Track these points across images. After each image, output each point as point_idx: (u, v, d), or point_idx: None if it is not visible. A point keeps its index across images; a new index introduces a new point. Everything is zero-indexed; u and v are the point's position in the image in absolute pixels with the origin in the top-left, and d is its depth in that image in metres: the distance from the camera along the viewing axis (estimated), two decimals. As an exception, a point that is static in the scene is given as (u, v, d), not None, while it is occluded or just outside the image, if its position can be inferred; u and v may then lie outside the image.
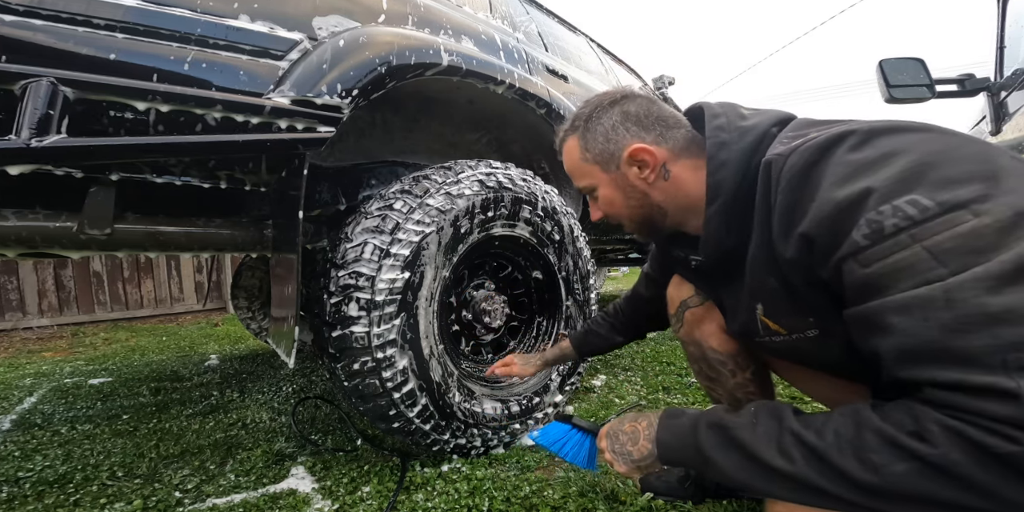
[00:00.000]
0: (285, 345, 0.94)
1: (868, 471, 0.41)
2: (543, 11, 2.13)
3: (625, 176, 0.66)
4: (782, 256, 0.51)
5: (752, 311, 0.62)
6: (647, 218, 0.69)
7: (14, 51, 0.67)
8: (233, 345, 2.94)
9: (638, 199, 0.67)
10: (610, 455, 0.65)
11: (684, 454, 0.56)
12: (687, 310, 0.85)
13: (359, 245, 1.01)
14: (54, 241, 0.81)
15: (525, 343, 1.45)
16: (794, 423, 0.47)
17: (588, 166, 0.69)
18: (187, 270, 4.51)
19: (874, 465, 0.41)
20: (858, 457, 0.41)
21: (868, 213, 0.43)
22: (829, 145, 0.48)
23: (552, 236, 1.36)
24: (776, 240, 0.52)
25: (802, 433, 0.45)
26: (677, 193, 0.66)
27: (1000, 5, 1.72)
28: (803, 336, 0.59)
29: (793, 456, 0.45)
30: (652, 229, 0.71)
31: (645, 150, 0.64)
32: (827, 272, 0.47)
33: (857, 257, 0.43)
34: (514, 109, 1.45)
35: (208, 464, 1.20)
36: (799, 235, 0.48)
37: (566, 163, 0.73)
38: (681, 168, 0.65)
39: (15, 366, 2.62)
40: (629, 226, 0.73)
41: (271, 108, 0.84)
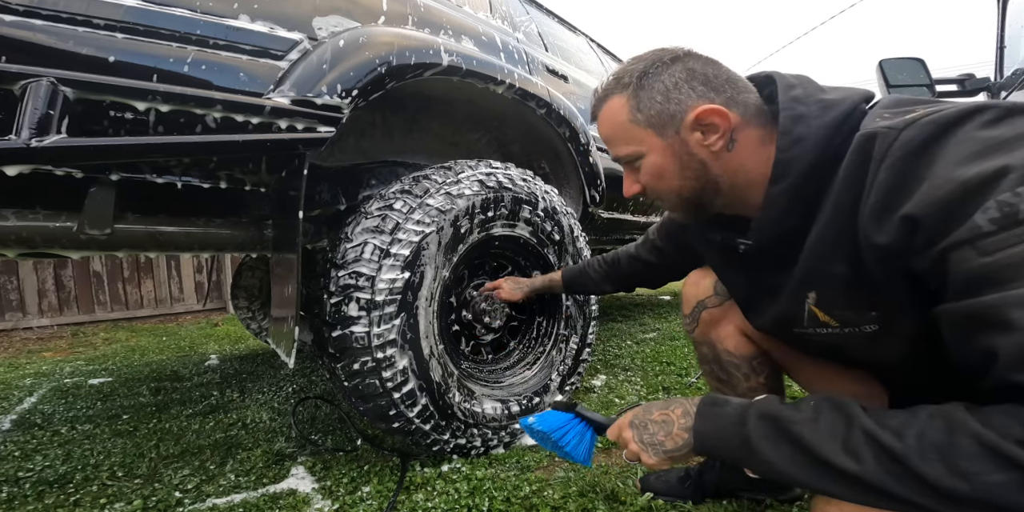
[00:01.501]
0: (285, 345, 0.94)
1: (957, 478, 0.37)
2: (543, 11, 2.13)
3: (685, 142, 0.57)
4: (868, 241, 0.46)
5: (801, 300, 0.58)
6: (698, 194, 0.61)
7: (14, 51, 0.67)
8: (233, 345, 2.94)
9: (695, 170, 0.59)
10: (637, 446, 0.59)
11: (726, 445, 0.51)
12: (704, 310, 0.83)
13: (359, 245, 1.01)
14: (54, 241, 0.81)
15: (525, 343, 1.45)
16: (866, 421, 0.43)
17: (637, 129, 0.59)
18: (187, 270, 4.51)
19: (965, 472, 0.37)
20: (946, 463, 0.38)
21: (1001, 194, 0.38)
22: (958, 120, 0.43)
23: (552, 236, 1.36)
24: (863, 223, 0.47)
25: (876, 432, 0.41)
26: (738, 168, 0.58)
27: (1000, 5, 1.72)
28: (857, 331, 0.55)
29: (862, 456, 0.41)
30: (699, 208, 0.63)
31: (717, 112, 0.55)
32: (925, 261, 0.42)
33: (977, 244, 0.38)
34: (514, 109, 1.45)
35: (208, 464, 1.20)
36: (902, 217, 0.43)
37: (605, 126, 0.63)
38: (747, 139, 0.57)
39: (15, 366, 2.62)
40: (673, 203, 0.64)
41: (271, 108, 0.84)
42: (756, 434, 0.48)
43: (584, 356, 1.46)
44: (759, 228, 0.59)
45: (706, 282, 0.84)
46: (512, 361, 1.41)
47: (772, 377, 0.81)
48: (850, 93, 0.54)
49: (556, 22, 2.22)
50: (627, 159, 0.63)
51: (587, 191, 1.73)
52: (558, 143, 1.60)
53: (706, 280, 0.85)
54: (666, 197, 0.63)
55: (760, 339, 0.80)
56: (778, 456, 0.46)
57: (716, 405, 0.55)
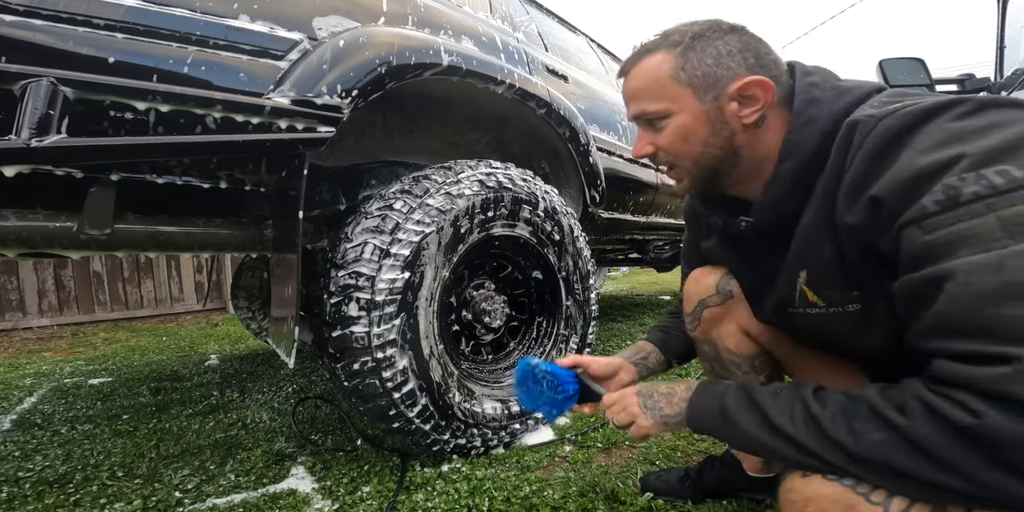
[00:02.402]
0: (285, 345, 0.94)
1: (850, 436, 0.45)
2: (543, 11, 2.13)
3: (721, 109, 0.58)
4: (843, 222, 0.50)
5: (794, 280, 0.60)
6: (716, 164, 0.62)
7: (14, 51, 0.67)
8: (233, 345, 2.94)
9: (722, 139, 0.59)
10: (639, 408, 0.66)
11: (710, 416, 0.59)
12: (705, 309, 0.83)
13: (359, 245, 1.01)
14: (54, 241, 0.81)
15: (525, 343, 1.45)
16: (808, 394, 0.51)
17: (677, 87, 0.59)
18: (187, 270, 4.51)
19: (855, 431, 0.44)
20: (847, 424, 0.45)
21: (948, 179, 0.41)
22: (934, 111, 0.46)
23: (552, 236, 1.36)
24: (840, 205, 0.50)
25: (809, 403, 0.49)
26: (759, 145, 0.60)
27: (1000, 5, 1.73)
28: (841, 310, 0.57)
29: (796, 420, 0.49)
30: (709, 179, 0.64)
31: (763, 85, 0.56)
32: (887, 240, 0.46)
33: (922, 223, 0.42)
34: (514, 109, 1.45)
35: (208, 464, 1.20)
36: (868, 199, 0.46)
37: (638, 80, 0.62)
38: (775, 119, 0.59)
39: (15, 366, 2.62)
40: (687, 169, 0.64)
41: (271, 108, 0.84)
42: (732, 404, 0.56)
43: (584, 356, 1.46)
44: (761, 206, 0.61)
45: (708, 280, 0.84)
46: (512, 361, 1.41)
47: (773, 377, 0.82)
48: (863, 84, 0.56)
49: (556, 22, 2.22)
50: (652, 116, 0.61)
51: (587, 191, 1.73)
52: (558, 143, 1.60)
53: (708, 278, 0.84)
54: (681, 162, 0.63)
55: (761, 338, 0.80)
56: (745, 422, 0.54)
57: (708, 385, 0.63)
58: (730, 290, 0.81)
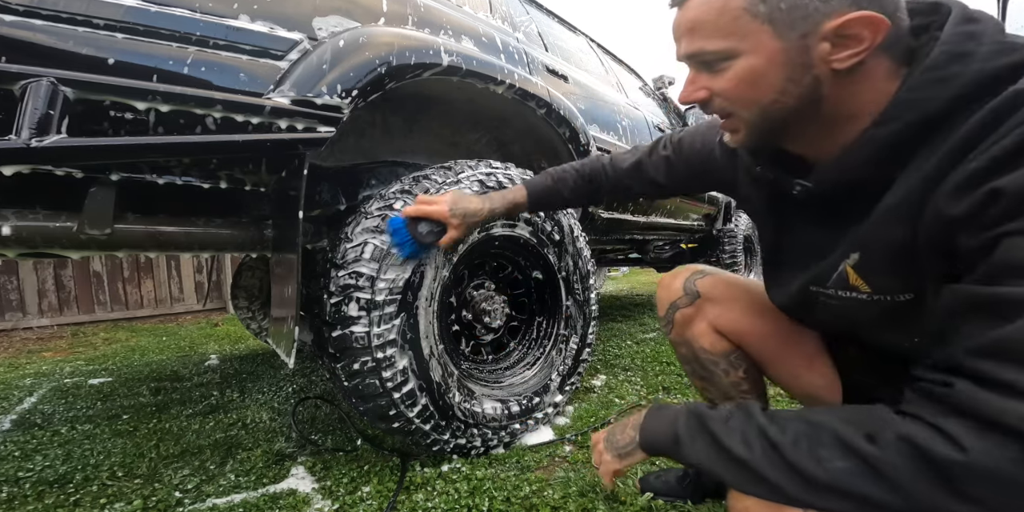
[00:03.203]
0: (285, 345, 0.94)
1: (813, 462, 0.43)
2: (543, 11, 2.13)
3: (807, 50, 0.47)
4: (942, 212, 0.43)
5: (841, 258, 0.54)
6: (789, 116, 0.51)
7: (14, 51, 0.67)
8: (233, 345, 2.94)
9: (802, 88, 0.49)
10: (603, 445, 0.68)
11: (662, 441, 0.59)
12: (677, 311, 0.84)
13: (359, 245, 1.01)
14: (54, 241, 0.81)
15: (525, 343, 1.45)
16: (761, 418, 0.50)
17: (751, 22, 0.47)
18: (187, 270, 4.51)
19: (819, 458, 0.43)
20: (809, 451, 0.44)
21: None
22: None
23: (552, 236, 1.36)
24: (946, 192, 0.42)
25: (767, 427, 0.48)
26: (850, 97, 0.49)
27: (1000, 5, 1.73)
28: (885, 299, 0.53)
29: (753, 446, 0.48)
30: (774, 134, 0.54)
31: (875, 22, 0.44)
32: (976, 239, 0.40)
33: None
34: (514, 109, 1.45)
35: (208, 464, 1.20)
36: (989, 190, 0.39)
37: (698, 10, 0.50)
38: (877, 67, 0.48)
39: (15, 366, 2.62)
40: (751, 121, 0.53)
41: (271, 108, 0.84)
42: (683, 430, 0.56)
43: (584, 356, 1.46)
44: (827, 170, 0.52)
45: (676, 284, 0.85)
46: (512, 361, 1.41)
47: (751, 371, 0.82)
48: None
49: (556, 22, 2.22)
50: (712, 56, 0.51)
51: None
52: (558, 143, 1.60)
53: (676, 282, 0.85)
54: (743, 111, 0.53)
55: (733, 335, 0.81)
56: (696, 447, 0.53)
57: (660, 409, 0.62)
58: (696, 290, 0.82)
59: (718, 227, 3.32)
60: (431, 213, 0.94)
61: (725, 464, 0.50)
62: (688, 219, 2.82)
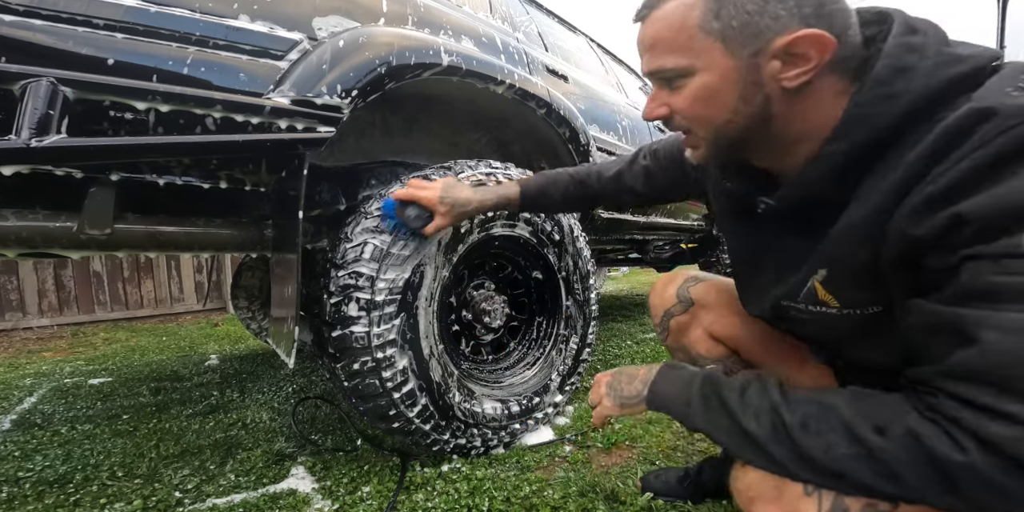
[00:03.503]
0: (285, 345, 0.94)
1: (818, 446, 0.45)
2: (543, 11, 2.13)
3: (757, 69, 0.47)
4: (903, 232, 0.43)
5: (809, 275, 0.54)
6: (741, 134, 0.51)
7: (14, 51, 0.67)
8: (233, 345, 2.94)
9: (755, 106, 0.49)
10: (605, 388, 0.68)
11: (672, 401, 0.59)
12: (671, 319, 0.85)
13: (359, 245, 1.01)
14: (54, 241, 0.81)
15: (525, 343, 1.45)
16: (776, 395, 0.51)
17: (704, 39, 0.48)
18: (187, 270, 4.51)
19: (826, 442, 0.45)
20: (816, 434, 0.46)
21: None
22: None
23: (552, 236, 1.36)
24: (906, 212, 0.42)
25: (779, 406, 0.49)
26: (801, 115, 0.49)
27: (1000, 5, 1.73)
28: (855, 313, 0.53)
29: (763, 422, 0.49)
30: (731, 151, 0.55)
31: (821, 41, 0.45)
32: (941, 262, 0.41)
33: (1002, 262, 0.37)
34: (514, 109, 1.45)
35: (208, 464, 1.20)
36: (953, 215, 0.39)
37: (656, 27, 0.50)
38: (826, 85, 0.48)
39: (15, 366, 2.62)
40: (705, 138, 0.54)
41: (271, 108, 0.84)
42: (696, 395, 0.56)
43: (584, 356, 1.46)
44: (790, 189, 0.53)
45: (669, 291, 0.86)
46: (512, 361, 1.41)
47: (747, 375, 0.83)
48: (979, 51, 0.44)
49: (556, 22, 2.22)
50: (670, 73, 0.51)
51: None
52: (558, 143, 1.59)
53: (669, 289, 0.86)
54: (700, 129, 0.53)
55: (729, 341, 0.81)
56: (707, 415, 0.55)
57: (674, 369, 0.64)
58: (690, 297, 0.83)
59: (718, 227, 3.32)
60: (421, 198, 0.92)
61: (733, 435, 0.52)
62: (688, 219, 2.82)
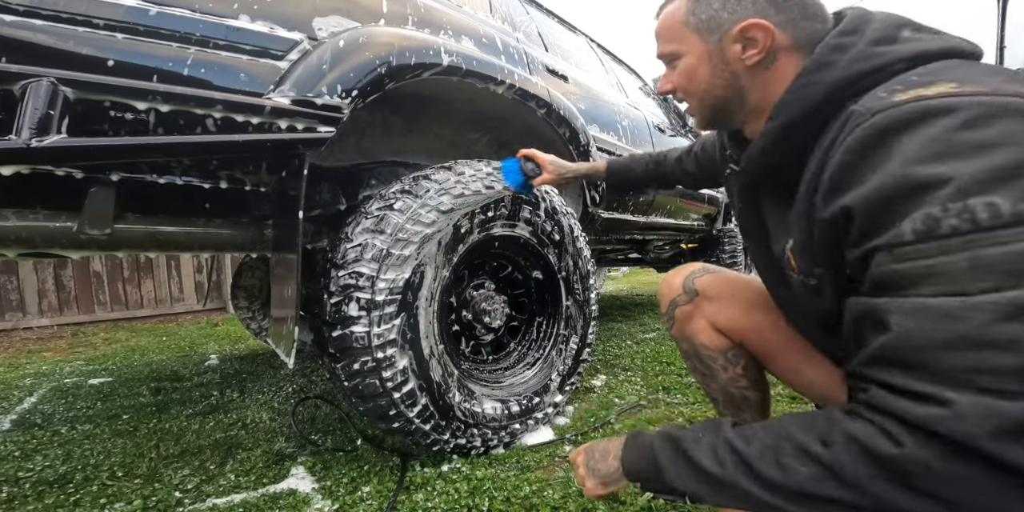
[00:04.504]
0: (285, 345, 0.94)
1: (777, 470, 0.45)
2: (543, 11, 2.13)
3: (723, 52, 0.60)
4: (818, 214, 0.49)
5: (783, 244, 0.61)
6: (722, 104, 0.64)
7: (14, 51, 0.67)
8: (233, 345, 2.94)
9: (724, 80, 0.61)
10: (583, 469, 0.68)
11: (644, 468, 0.59)
12: (676, 308, 0.86)
13: (359, 245, 1.01)
14: (54, 241, 0.81)
15: (525, 343, 1.45)
16: (729, 433, 0.51)
17: (685, 31, 0.62)
18: (187, 270, 4.51)
19: (783, 466, 0.45)
20: (774, 460, 0.46)
21: (932, 206, 0.38)
22: (935, 112, 0.41)
23: (552, 236, 1.36)
24: (820, 195, 0.48)
25: (733, 441, 0.50)
26: (765, 86, 0.60)
27: (1000, 5, 1.73)
28: (804, 281, 0.58)
29: (724, 461, 0.49)
30: (721, 118, 0.67)
31: (762, 27, 0.56)
32: (853, 253, 0.45)
33: (894, 251, 0.40)
34: (514, 109, 1.45)
35: (208, 464, 1.20)
36: (841, 207, 0.44)
37: (659, 24, 0.66)
38: (787, 63, 0.58)
39: (15, 366, 2.62)
40: (698, 108, 0.67)
41: (271, 108, 0.84)
42: (662, 457, 0.56)
43: (584, 356, 1.46)
44: (748, 156, 0.63)
45: (676, 281, 0.87)
46: (512, 361, 1.41)
47: (749, 367, 0.83)
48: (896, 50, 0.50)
49: (556, 22, 2.22)
50: (666, 57, 0.66)
51: (587, 191, 1.73)
52: (558, 143, 1.60)
53: (676, 279, 0.88)
54: (690, 99, 0.67)
55: (731, 333, 0.82)
56: (676, 471, 0.54)
57: (636, 438, 0.63)
58: (694, 288, 0.84)
59: (718, 227, 3.32)
60: (536, 156, 1.14)
61: (703, 484, 0.51)
62: (688, 219, 2.82)
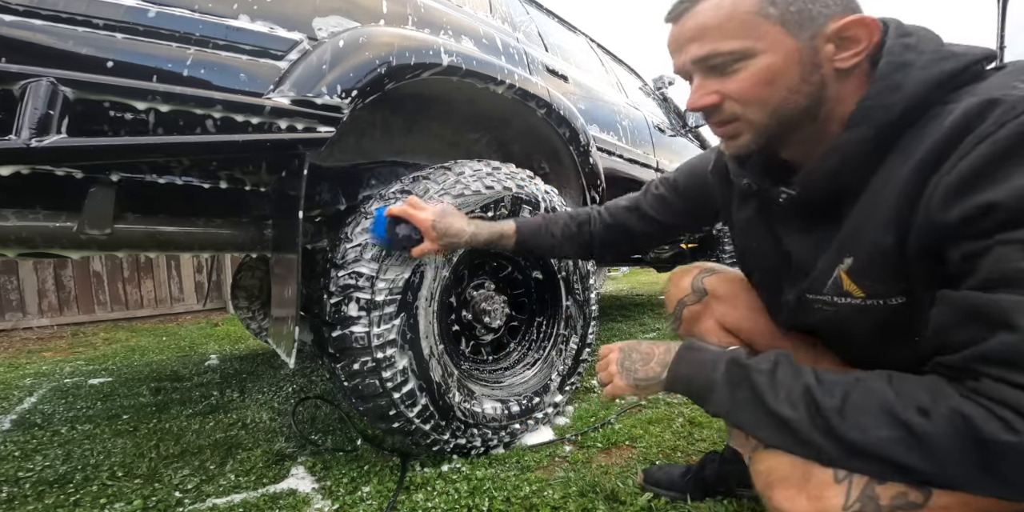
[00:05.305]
0: (285, 345, 0.94)
1: (856, 430, 0.44)
2: (543, 11, 2.13)
3: (816, 51, 0.50)
4: (929, 215, 0.45)
5: (833, 265, 0.55)
6: (798, 118, 0.53)
7: (14, 51, 0.67)
8: (233, 345, 2.94)
9: (813, 86, 0.51)
10: (616, 367, 0.65)
11: (692, 383, 0.57)
12: (684, 308, 0.86)
13: (359, 245, 1.01)
14: (54, 241, 0.81)
15: (525, 343, 1.45)
16: (810, 378, 0.49)
17: (763, 23, 0.50)
18: (187, 270, 4.51)
19: (863, 426, 0.44)
20: (854, 417, 0.45)
21: None
22: None
23: (552, 236, 1.35)
24: (936, 197, 0.44)
25: (814, 388, 0.48)
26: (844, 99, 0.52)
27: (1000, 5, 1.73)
28: (879, 303, 0.53)
29: (797, 406, 0.48)
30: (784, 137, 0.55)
31: (866, 25, 0.49)
32: (967, 248, 0.42)
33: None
34: (514, 109, 1.45)
35: (208, 464, 1.20)
36: (984, 203, 0.40)
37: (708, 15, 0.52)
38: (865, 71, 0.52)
39: (15, 366, 2.62)
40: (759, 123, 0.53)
41: (271, 108, 0.84)
42: (721, 378, 0.54)
43: (584, 356, 1.46)
44: (810, 175, 0.54)
45: (685, 282, 0.87)
46: (512, 361, 1.41)
47: None
48: (972, 49, 0.49)
49: (556, 22, 2.22)
50: (726, 57, 0.52)
51: (587, 191, 1.73)
52: (558, 143, 1.59)
53: (685, 280, 0.87)
54: (753, 113, 0.53)
55: (740, 333, 0.82)
56: (734, 400, 0.53)
57: (694, 350, 0.60)
58: (703, 288, 0.84)
59: (718, 227, 3.32)
60: (414, 218, 0.92)
61: (763, 419, 0.50)
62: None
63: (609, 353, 0.68)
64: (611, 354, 0.68)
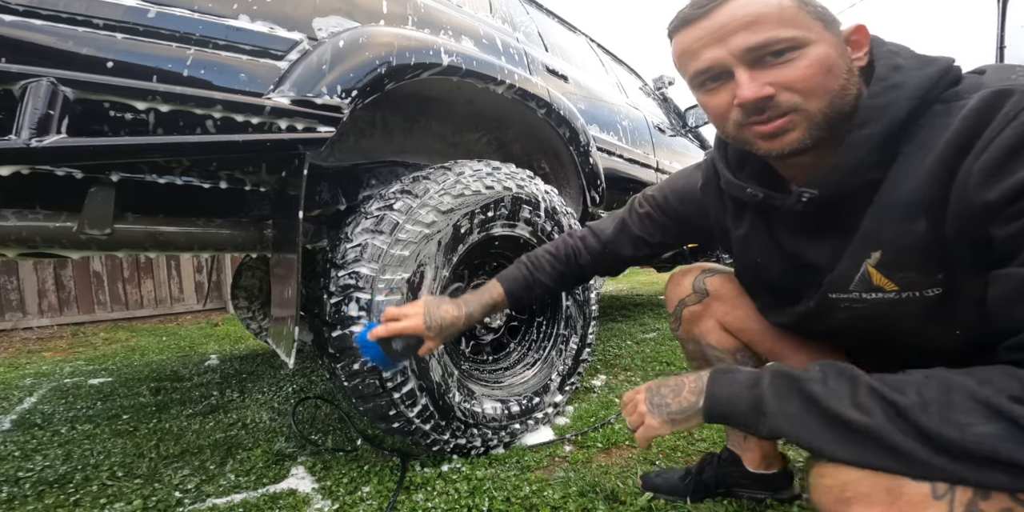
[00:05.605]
0: (285, 345, 0.94)
1: (951, 428, 0.39)
2: (543, 11, 2.13)
3: (842, 45, 0.54)
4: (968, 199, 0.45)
5: (859, 261, 0.55)
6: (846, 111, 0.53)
7: (14, 51, 0.67)
8: (233, 345, 2.94)
9: (851, 81, 0.54)
10: (645, 406, 0.60)
11: (737, 407, 0.52)
12: (685, 309, 0.86)
13: (359, 245, 1.01)
14: (54, 241, 0.81)
15: (525, 343, 1.45)
16: (870, 380, 0.45)
17: (807, 17, 0.52)
18: (187, 270, 4.51)
19: (958, 423, 0.39)
20: (942, 415, 0.40)
21: None
22: None
23: (552, 236, 1.35)
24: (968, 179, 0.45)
25: (881, 389, 0.44)
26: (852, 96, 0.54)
27: (1000, 5, 1.73)
28: (915, 295, 0.53)
29: (871, 410, 0.43)
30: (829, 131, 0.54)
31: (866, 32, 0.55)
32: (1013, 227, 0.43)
33: None
34: (514, 109, 1.45)
35: (208, 464, 1.20)
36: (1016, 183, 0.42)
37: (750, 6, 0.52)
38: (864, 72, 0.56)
39: (15, 366, 2.62)
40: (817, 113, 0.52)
41: (271, 108, 0.84)
42: (770, 393, 0.50)
43: (584, 356, 1.46)
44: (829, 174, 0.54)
45: (686, 282, 0.87)
46: (512, 361, 1.41)
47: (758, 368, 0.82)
48: (940, 56, 0.54)
49: (556, 22, 2.22)
50: (785, 44, 0.51)
51: (587, 191, 1.73)
52: (558, 143, 1.60)
53: (686, 280, 0.87)
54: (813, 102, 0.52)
55: (741, 334, 0.82)
56: (789, 413, 0.48)
57: (727, 373, 0.56)
58: (705, 288, 0.84)
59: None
60: (405, 330, 0.83)
61: (831, 431, 0.44)
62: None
63: (636, 395, 0.64)
64: (637, 395, 0.63)
